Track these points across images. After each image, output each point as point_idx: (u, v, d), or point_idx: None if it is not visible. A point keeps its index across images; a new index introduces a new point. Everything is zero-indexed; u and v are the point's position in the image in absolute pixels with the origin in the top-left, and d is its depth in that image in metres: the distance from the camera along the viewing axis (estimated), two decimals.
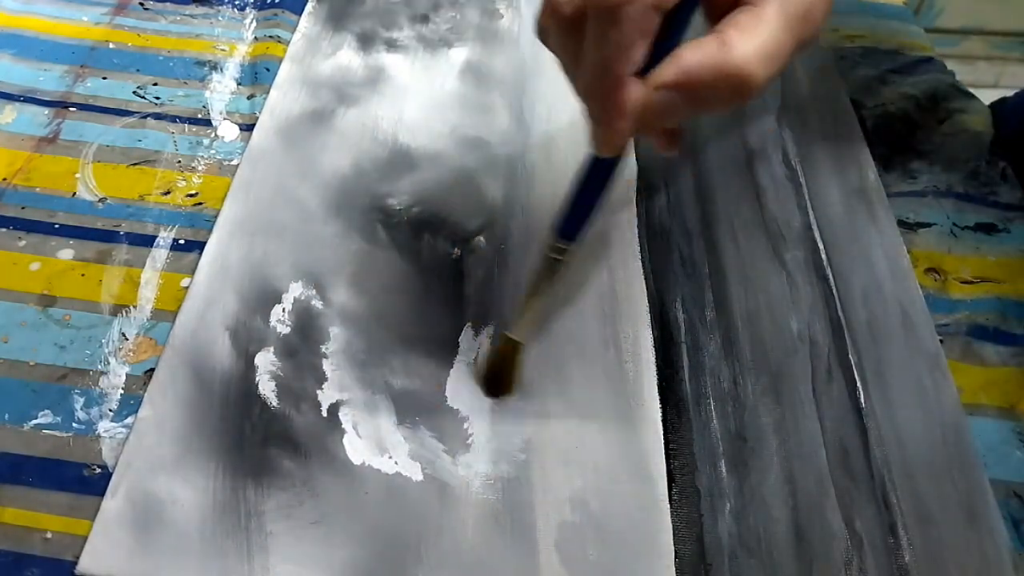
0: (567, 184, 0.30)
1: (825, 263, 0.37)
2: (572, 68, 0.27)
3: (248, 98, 0.43)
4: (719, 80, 0.24)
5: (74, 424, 0.30)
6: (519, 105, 0.43)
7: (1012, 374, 0.35)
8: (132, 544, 0.27)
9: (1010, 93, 0.50)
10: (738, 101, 0.24)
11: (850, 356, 0.34)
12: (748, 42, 0.24)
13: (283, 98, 0.42)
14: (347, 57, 0.45)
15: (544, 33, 0.27)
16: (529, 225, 0.37)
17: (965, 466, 0.31)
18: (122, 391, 0.31)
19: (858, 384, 0.33)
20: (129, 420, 0.30)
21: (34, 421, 0.30)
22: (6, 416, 0.30)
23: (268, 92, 0.42)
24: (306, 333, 0.33)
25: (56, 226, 0.36)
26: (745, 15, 0.24)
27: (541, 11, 0.27)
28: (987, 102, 0.46)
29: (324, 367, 0.32)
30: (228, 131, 0.41)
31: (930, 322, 0.36)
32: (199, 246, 0.36)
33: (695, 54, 0.24)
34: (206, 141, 0.41)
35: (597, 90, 0.26)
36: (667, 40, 0.25)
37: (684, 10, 0.25)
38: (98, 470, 0.29)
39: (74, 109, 0.41)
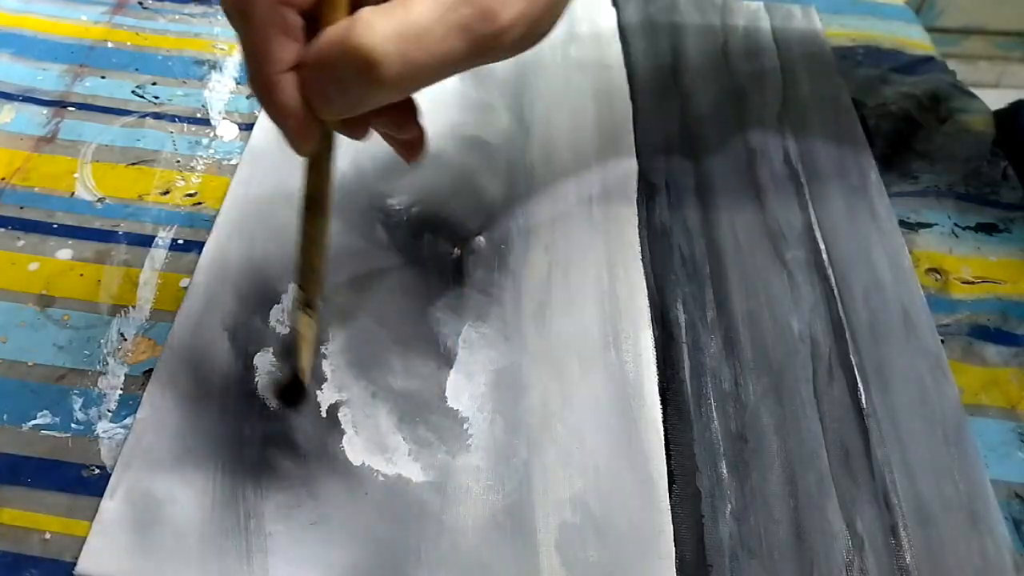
0: (567, 184, 0.29)
1: (826, 263, 0.37)
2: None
3: (247, 97, 0.43)
4: (344, 59, 0.21)
5: (73, 424, 0.30)
6: (519, 105, 0.43)
7: (1013, 374, 0.35)
8: (131, 545, 0.27)
9: (1012, 93, 0.49)
10: (368, 87, 0.22)
11: (851, 356, 0.34)
12: (384, 22, 0.21)
13: None
14: None
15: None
16: (529, 225, 0.37)
17: (966, 466, 0.31)
18: (121, 391, 0.31)
19: (859, 384, 0.33)
20: (128, 421, 0.30)
21: (33, 421, 0.30)
22: (4, 416, 0.30)
23: None
24: None
25: (55, 226, 0.36)
26: None
27: None
28: (988, 101, 0.46)
29: (323, 367, 0.32)
30: (227, 130, 0.41)
31: (931, 322, 0.36)
32: (198, 246, 0.36)
33: (329, 32, 0.22)
34: (205, 140, 0.40)
35: (257, 91, 0.24)
36: None
37: None
38: (97, 471, 0.29)
39: (73, 108, 0.41)
